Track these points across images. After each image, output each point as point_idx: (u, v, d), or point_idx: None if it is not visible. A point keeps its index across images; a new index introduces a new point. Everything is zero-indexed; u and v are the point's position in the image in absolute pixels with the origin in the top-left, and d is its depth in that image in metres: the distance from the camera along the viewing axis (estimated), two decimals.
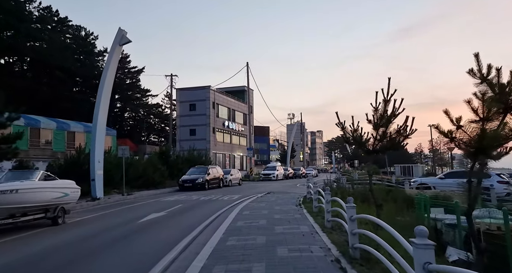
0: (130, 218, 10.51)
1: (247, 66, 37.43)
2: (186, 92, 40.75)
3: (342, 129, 7.99)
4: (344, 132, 8.00)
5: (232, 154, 46.47)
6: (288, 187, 25.52)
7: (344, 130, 7.97)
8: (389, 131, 7.61)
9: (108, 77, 15.53)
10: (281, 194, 17.94)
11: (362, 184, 15.37)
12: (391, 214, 11.04)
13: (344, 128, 7.96)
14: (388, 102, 7.76)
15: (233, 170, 29.31)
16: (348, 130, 8.00)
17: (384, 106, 7.77)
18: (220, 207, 12.49)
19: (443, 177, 18.50)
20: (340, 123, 7.97)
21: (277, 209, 11.10)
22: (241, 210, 11.06)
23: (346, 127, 7.95)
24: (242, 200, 14.97)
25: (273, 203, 12.93)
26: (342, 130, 8.02)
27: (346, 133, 8.05)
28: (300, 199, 14.05)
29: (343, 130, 8.01)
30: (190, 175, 22.95)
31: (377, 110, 7.80)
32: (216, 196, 17.13)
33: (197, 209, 12.59)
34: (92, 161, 15.34)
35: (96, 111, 15.45)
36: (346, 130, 7.99)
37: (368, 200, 12.77)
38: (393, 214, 11.29)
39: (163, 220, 10.11)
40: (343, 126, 7.96)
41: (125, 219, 10.46)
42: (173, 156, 28.15)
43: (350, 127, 8.04)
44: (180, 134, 40.42)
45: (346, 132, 7.98)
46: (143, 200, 16.23)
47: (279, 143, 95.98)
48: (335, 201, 7.21)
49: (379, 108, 7.82)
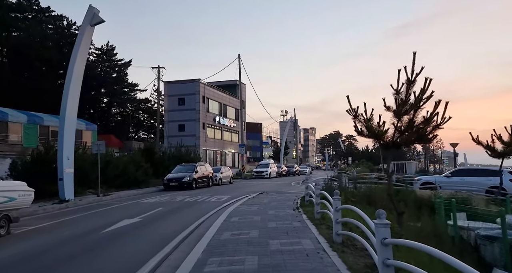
0: (94, 227, 8.71)
1: (238, 58, 35.61)
2: (174, 85, 38.73)
3: (355, 117, 6.32)
4: (356, 122, 6.32)
5: (224, 151, 44.67)
6: (282, 186, 23.87)
7: (357, 119, 6.30)
8: (415, 120, 5.96)
9: (78, 62, 13.58)
10: (275, 194, 16.27)
11: (366, 183, 13.78)
12: (405, 220, 9.48)
13: (356, 116, 6.29)
14: (413, 84, 6.10)
15: (224, 168, 27.54)
16: (361, 119, 6.32)
17: (407, 89, 6.12)
18: (206, 211, 10.76)
19: (450, 175, 17.06)
20: (352, 110, 6.30)
21: (272, 215, 9.41)
22: (229, 216, 9.34)
23: (359, 115, 6.27)
24: (231, 202, 13.26)
25: (266, 206, 11.24)
26: (354, 119, 6.35)
27: (358, 123, 6.38)
28: (297, 201, 12.38)
29: (355, 119, 6.33)
30: (176, 174, 21.13)
31: (399, 93, 6.14)
32: (203, 197, 15.39)
33: (178, 213, 10.83)
34: (60, 158, 13.44)
35: (64, 101, 13.51)
36: (359, 119, 6.31)
37: (374, 203, 11.18)
38: (407, 219, 9.73)
39: (133, 230, 8.34)
40: (356, 113, 6.28)
41: (87, 228, 8.66)
42: (159, 153, 26.25)
43: (363, 115, 6.38)
44: (169, 130, 38.44)
45: (358, 121, 6.31)
46: (119, 202, 14.40)
47: (272, 140, 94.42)
48: (351, 210, 5.50)
49: (401, 91, 6.16)
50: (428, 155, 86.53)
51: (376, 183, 16.69)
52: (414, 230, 8.97)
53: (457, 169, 18.43)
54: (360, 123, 6.28)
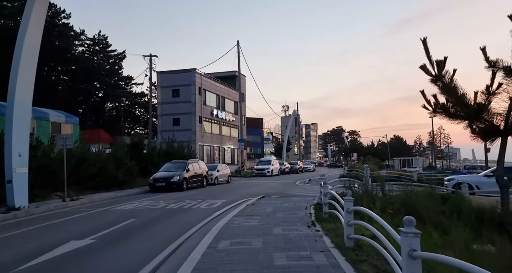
0: (14, 257, 5.87)
1: (237, 45, 32.58)
2: (168, 75, 35.78)
3: (437, 79, 3.45)
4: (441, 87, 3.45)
5: (222, 147, 41.82)
6: (286, 186, 21.05)
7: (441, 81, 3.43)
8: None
9: (29, 35, 10.68)
10: (279, 198, 13.44)
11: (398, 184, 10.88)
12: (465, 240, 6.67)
13: (440, 76, 3.42)
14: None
15: (220, 166, 24.70)
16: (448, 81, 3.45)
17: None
18: (188, 226, 7.93)
19: (491, 175, 14.15)
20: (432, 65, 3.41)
21: (278, 236, 6.56)
22: (217, 238, 6.50)
23: (445, 75, 3.40)
24: (225, 210, 10.45)
25: (270, 219, 8.39)
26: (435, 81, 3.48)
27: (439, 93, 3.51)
28: (310, 210, 9.53)
29: (437, 82, 3.47)
30: (165, 172, 18.31)
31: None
32: (192, 202, 12.57)
33: (150, 230, 7.99)
34: (8, 155, 10.60)
35: (12, 84, 10.60)
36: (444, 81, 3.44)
37: (417, 214, 8.31)
38: (467, 239, 6.90)
39: (68, 264, 5.52)
40: (440, 72, 3.41)
41: (4, 258, 5.83)
42: (148, 149, 23.42)
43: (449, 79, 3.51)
44: (163, 124, 35.56)
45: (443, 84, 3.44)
46: (88, 209, 11.59)
47: (273, 136, 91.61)
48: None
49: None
50: (435, 151, 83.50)
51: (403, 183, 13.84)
52: (484, 256, 6.14)
53: None
54: (442, 92, 3.46)
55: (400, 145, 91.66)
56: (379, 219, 4.04)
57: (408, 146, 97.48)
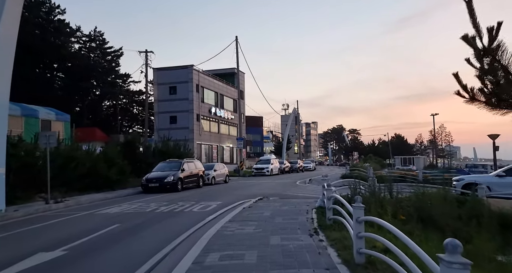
0: None
1: (236, 41, 31.66)
2: (165, 72, 34.86)
3: (485, 53, 2.56)
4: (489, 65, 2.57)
5: (221, 146, 40.94)
6: (286, 186, 20.19)
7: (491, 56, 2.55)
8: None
9: (3, 27, 9.77)
10: (279, 200, 12.58)
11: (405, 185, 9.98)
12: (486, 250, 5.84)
13: (490, 50, 2.53)
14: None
15: (218, 165, 23.82)
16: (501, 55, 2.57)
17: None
18: (176, 234, 7.07)
19: (504, 174, 13.29)
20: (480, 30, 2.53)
21: (276, 247, 5.69)
22: (206, 250, 5.64)
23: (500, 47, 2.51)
24: (219, 214, 9.59)
25: (267, 226, 7.52)
26: (482, 56, 2.60)
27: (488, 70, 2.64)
28: (312, 215, 8.66)
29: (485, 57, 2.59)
30: (158, 172, 17.44)
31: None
32: (185, 204, 11.71)
33: (131, 240, 7.11)
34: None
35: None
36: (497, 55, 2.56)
37: (431, 222, 7.43)
38: (489, 250, 6.07)
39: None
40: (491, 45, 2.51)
41: None
42: (142, 147, 22.55)
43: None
44: (159, 122, 34.68)
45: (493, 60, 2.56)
46: (71, 213, 10.73)
47: (273, 134, 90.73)
48: None
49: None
50: (436, 150, 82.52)
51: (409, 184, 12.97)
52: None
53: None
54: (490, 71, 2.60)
55: (401, 144, 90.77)
56: (409, 241, 3.13)
57: (409, 144, 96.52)
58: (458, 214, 7.55)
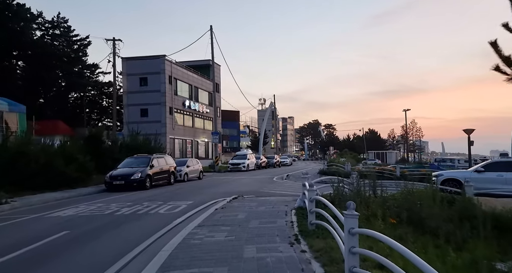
0: None
1: (210, 30, 30.23)
2: (134, 62, 32.89)
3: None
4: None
5: (195, 140, 39.51)
6: (263, 182, 19.34)
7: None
8: None
9: None
10: (255, 198, 11.66)
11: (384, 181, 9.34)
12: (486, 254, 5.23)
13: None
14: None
15: (191, 160, 22.58)
16: None
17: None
18: (131, 245, 5.96)
19: (482, 170, 13.06)
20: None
21: (251, 264, 4.72)
22: (165, 268, 4.60)
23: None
24: (188, 217, 8.55)
25: (242, 233, 6.55)
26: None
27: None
28: (292, 217, 7.79)
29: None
30: (124, 169, 16.05)
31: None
32: (151, 205, 10.53)
33: (77, 253, 5.91)
34: None
35: None
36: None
37: (424, 224, 6.76)
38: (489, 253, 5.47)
39: None
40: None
41: None
42: (108, 142, 20.92)
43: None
44: (129, 115, 32.77)
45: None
46: (16, 216, 9.28)
47: (250, 129, 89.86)
48: None
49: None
50: (407, 144, 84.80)
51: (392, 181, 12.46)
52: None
53: (493, 162, 14.46)
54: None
55: (374, 139, 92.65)
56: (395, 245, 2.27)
57: (382, 139, 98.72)
58: (449, 215, 6.94)
